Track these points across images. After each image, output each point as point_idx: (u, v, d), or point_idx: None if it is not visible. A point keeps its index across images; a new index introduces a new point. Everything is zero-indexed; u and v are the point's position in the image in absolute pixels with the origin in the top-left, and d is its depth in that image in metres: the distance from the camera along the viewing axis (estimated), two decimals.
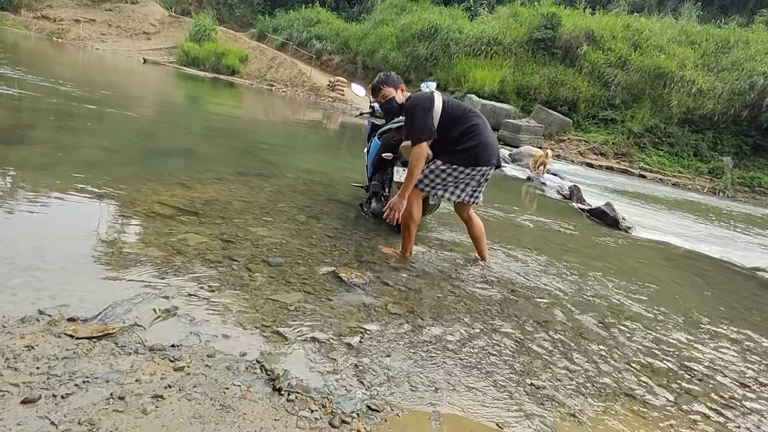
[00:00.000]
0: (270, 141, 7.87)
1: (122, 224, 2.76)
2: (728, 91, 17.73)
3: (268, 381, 1.55)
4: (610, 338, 2.53)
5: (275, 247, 2.82)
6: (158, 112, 8.83)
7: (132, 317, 1.77)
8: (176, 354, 1.59)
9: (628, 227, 6.10)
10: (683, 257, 5.29)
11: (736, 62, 18.62)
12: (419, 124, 2.82)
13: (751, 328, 3.19)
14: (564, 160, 15.67)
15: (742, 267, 5.31)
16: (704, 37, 20.45)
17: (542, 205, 7.04)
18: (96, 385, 1.36)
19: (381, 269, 2.81)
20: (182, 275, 2.21)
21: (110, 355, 1.52)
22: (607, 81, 19.39)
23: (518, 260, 3.59)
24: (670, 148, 17.97)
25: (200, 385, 1.45)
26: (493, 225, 4.71)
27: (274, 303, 2.12)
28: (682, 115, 18.14)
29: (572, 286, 3.26)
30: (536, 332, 2.39)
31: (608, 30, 20.86)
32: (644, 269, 4.29)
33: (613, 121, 18.76)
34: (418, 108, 2.86)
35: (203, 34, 25.63)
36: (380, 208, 3.77)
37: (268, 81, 22.99)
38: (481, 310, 2.53)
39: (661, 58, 19.00)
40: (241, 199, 3.71)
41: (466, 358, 1.99)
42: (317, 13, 27.79)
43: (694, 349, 2.62)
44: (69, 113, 6.23)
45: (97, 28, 28.71)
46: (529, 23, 21.60)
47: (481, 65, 20.44)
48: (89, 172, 3.69)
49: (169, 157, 4.94)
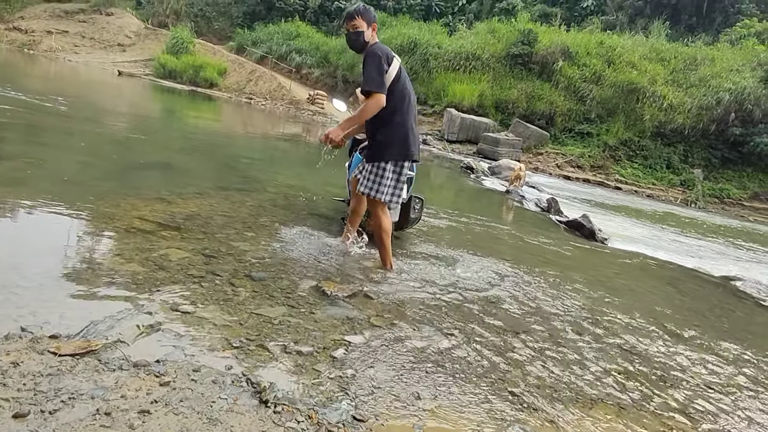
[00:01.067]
0: (250, 155, 7.87)
1: (101, 240, 2.74)
2: (696, 106, 18.47)
3: (254, 393, 1.56)
4: (587, 346, 2.61)
5: (258, 262, 2.84)
6: (134, 126, 8.74)
7: (115, 333, 1.76)
8: (161, 369, 1.59)
9: (604, 238, 6.27)
10: (657, 267, 5.47)
11: (703, 79, 19.44)
12: (374, 73, 2.75)
13: (720, 335, 3.32)
14: (542, 173, 16.00)
15: (712, 276, 5.50)
16: (673, 55, 21.30)
17: (521, 217, 7.19)
18: (82, 401, 1.36)
19: (364, 283, 2.85)
20: (165, 291, 2.20)
21: (94, 371, 1.51)
22: (583, 95, 19.97)
23: (498, 271, 3.67)
24: (644, 161, 18.56)
25: (187, 399, 1.46)
26: (473, 236, 4.80)
27: (258, 317, 2.14)
28: (654, 128, 18.79)
29: (550, 296, 3.35)
30: (515, 341, 2.46)
31: (583, 46, 21.55)
32: (619, 279, 4.42)
33: (589, 134, 19.29)
34: (377, 58, 2.76)
35: (181, 46, 25.47)
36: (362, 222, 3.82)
37: (247, 94, 22.95)
38: (462, 320, 2.58)
39: (633, 74, 19.69)
40: (222, 213, 3.71)
41: (448, 368, 2.04)
42: (297, 27, 27.96)
43: (668, 356, 2.72)
44: (40, 127, 6.13)
45: (69, 40, 28.24)
46: (507, 39, 22.15)
47: (460, 80, 20.84)
48: (65, 187, 3.65)
49: (147, 172, 4.90)
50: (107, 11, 30.55)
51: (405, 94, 2.94)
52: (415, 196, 3.72)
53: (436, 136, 19.01)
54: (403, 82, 2.92)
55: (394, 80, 2.84)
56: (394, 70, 2.83)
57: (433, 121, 20.39)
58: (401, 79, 2.91)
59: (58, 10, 30.38)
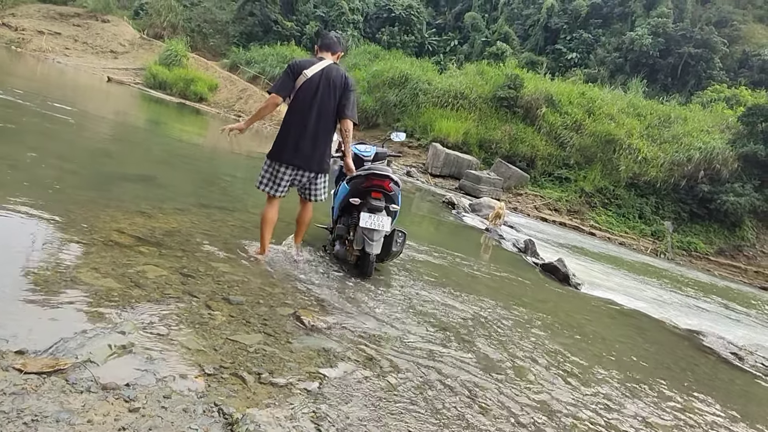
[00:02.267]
0: (233, 173, 7.84)
1: (77, 252, 2.66)
2: (669, 161, 19.34)
3: (225, 426, 1.53)
4: (556, 392, 2.63)
5: (237, 284, 2.80)
6: (119, 134, 8.64)
7: (85, 352, 1.71)
8: (131, 394, 1.54)
9: (578, 283, 6.39)
10: (626, 315, 5.59)
11: (676, 136, 20.44)
12: (277, 79, 3.36)
13: (684, 389, 3.39)
14: (520, 213, 16.33)
15: (678, 328, 5.65)
16: (649, 111, 22.40)
17: (498, 256, 7.29)
18: (46, 424, 1.31)
19: (342, 314, 2.84)
20: (140, 310, 2.16)
21: (61, 392, 1.46)
22: (563, 142, 20.70)
23: (474, 311, 3.70)
24: (618, 209, 19.18)
25: (156, 428, 1.42)
26: (451, 273, 4.84)
27: (233, 343, 2.10)
28: (629, 179, 19.53)
29: (523, 339, 3.38)
30: (487, 383, 2.47)
31: (566, 95, 22.47)
32: (590, 325, 4.50)
33: (567, 179, 19.90)
34: (285, 68, 3.31)
35: (174, 59, 25.52)
36: (344, 252, 3.84)
37: (236, 111, 23.00)
38: (438, 360, 2.58)
39: (611, 126, 20.57)
40: (203, 232, 3.67)
41: (421, 408, 2.03)
42: (292, 51, 28.43)
43: (634, 404, 2.76)
44: (21, 129, 6.01)
45: (61, 42, 27.99)
46: (494, 82, 22.97)
47: (448, 116, 21.39)
48: (44, 193, 3.56)
49: (129, 183, 4.83)
50: (103, 18, 30.53)
51: (306, 105, 3.25)
52: (398, 230, 3.75)
53: (420, 169, 19.30)
54: (307, 93, 3.24)
55: (298, 89, 3.24)
56: (300, 81, 3.23)
57: (418, 154, 20.74)
58: (306, 90, 3.23)
59: (52, 11, 30.21)
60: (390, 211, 3.56)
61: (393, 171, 3.75)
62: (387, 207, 3.54)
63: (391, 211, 3.56)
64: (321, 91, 3.23)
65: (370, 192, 3.55)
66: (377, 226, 3.44)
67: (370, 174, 3.55)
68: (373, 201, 3.51)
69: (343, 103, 3.30)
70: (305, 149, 3.28)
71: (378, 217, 3.47)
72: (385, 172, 3.58)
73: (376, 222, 3.44)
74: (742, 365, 4.64)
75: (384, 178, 3.55)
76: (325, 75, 3.25)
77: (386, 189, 3.58)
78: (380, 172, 3.55)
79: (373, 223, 3.43)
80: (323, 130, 3.31)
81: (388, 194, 3.61)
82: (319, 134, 3.29)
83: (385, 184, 3.56)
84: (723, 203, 18.26)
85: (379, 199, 3.54)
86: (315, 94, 3.23)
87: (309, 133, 3.26)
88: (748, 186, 18.61)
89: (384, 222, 3.47)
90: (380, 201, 3.54)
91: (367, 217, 3.44)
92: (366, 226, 3.42)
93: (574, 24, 34.23)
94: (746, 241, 18.89)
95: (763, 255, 18.87)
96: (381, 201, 3.54)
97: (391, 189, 3.59)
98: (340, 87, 3.28)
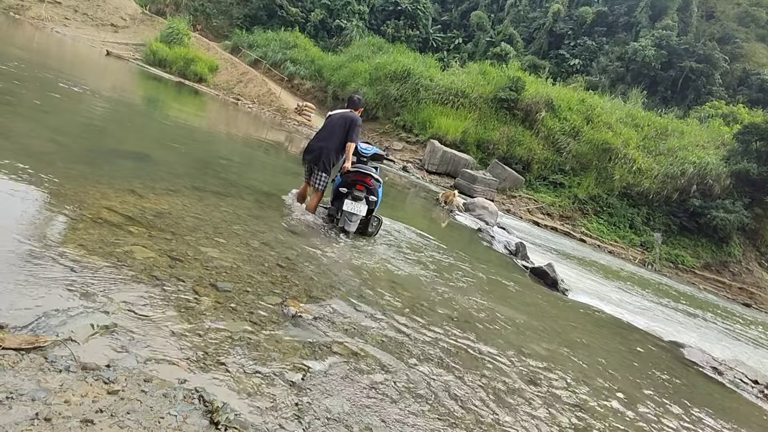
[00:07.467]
0: (230, 157, 7.76)
1: (65, 227, 2.62)
2: (663, 173, 19.48)
3: (205, 413, 1.51)
4: (538, 395, 2.64)
5: (225, 270, 2.78)
6: (114, 110, 8.51)
7: (67, 330, 1.68)
8: (111, 375, 1.52)
9: (565, 289, 6.43)
10: (612, 324, 5.63)
11: (672, 149, 20.59)
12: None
13: (668, 399, 3.43)
14: (513, 216, 16.37)
15: (661, 340, 5.70)
16: (647, 122, 22.52)
17: (489, 258, 7.30)
18: (21, 402, 1.28)
19: (329, 306, 2.82)
20: (125, 290, 2.12)
21: (39, 370, 1.43)
22: (560, 147, 20.76)
23: (462, 311, 3.70)
24: (609, 218, 19.31)
25: (134, 411, 1.40)
26: (443, 272, 4.84)
27: (218, 330, 2.08)
28: (622, 189, 19.66)
29: (509, 343, 3.39)
30: (471, 383, 2.47)
31: (566, 101, 22.51)
32: (575, 332, 4.53)
33: (561, 185, 19.99)
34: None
35: (175, 37, 25.13)
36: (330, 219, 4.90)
37: (235, 94, 22.76)
38: (422, 358, 2.58)
39: (608, 135, 20.66)
40: (194, 215, 3.62)
41: (404, 405, 2.03)
42: (295, 38, 28.17)
43: (614, 413, 2.78)
44: (14, 99, 5.90)
45: (61, 11, 27.45)
46: (496, 82, 22.93)
47: (447, 114, 21.35)
48: (33, 165, 3.49)
49: (122, 160, 4.76)
50: None
51: (322, 129, 4.81)
52: (375, 215, 4.83)
53: (417, 164, 19.28)
54: (326, 124, 4.80)
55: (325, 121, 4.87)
56: (324, 120, 4.87)
57: (415, 150, 20.70)
58: (326, 122, 4.82)
59: None
60: (369, 201, 4.56)
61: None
62: (367, 197, 4.54)
63: (369, 200, 4.57)
64: (335, 122, 4.71)
65: (355, 185, 4.54)
66: (356, 210, 4.48)
67: (357, 171, 4.57)
68: (356, 192, 4.50)
69: (349, 131, 4.63)
70: (320, 151, 4.65)
71: (358, 204, 4.48)
72: (369, 171, 4.59)
73: (356, 208, 4.47)
74: (721, 379, 4.71)
75: (367, 175, 4.58)
76: (342, 115, 4.76)
77: (368, 184, 4.59)
78: (365, 171, 4.57)
79: (353, 208, 4.47)
80: (331, 144, 4.65)
81: (369, 188, 4.60)
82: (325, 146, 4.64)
83: (367, 180, 4.59)
84: (713, 218, 18.46)
85: (361, 191, 4.52)
86: (327, 122, 4.80)
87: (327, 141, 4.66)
88: (739, 203, 18.83)
89: (362, 209, 4.50)
90: (362, 192, 4.52)
91: (350, 203, 4.47)
92: (348, 210, 4.46)
93: (579, 30, 34.30)
94: (733, 257, 19.14)
95: (748, 272, 19.15)
96: (363, 192, 4.52)
97: (371, 184, 4.62)
98: (348, 121, 4.67)
